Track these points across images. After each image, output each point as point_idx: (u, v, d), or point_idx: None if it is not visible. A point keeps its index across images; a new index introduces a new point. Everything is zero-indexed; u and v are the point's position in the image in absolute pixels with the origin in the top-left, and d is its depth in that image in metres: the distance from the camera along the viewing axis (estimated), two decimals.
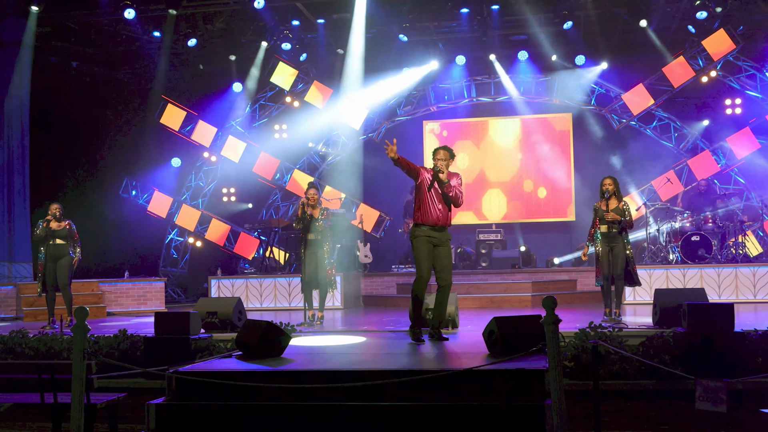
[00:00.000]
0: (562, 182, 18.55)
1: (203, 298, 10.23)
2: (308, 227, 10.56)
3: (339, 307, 14.18)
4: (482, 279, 15.14)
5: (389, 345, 7.99)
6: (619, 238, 9.84)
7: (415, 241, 8.03)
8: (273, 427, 5.67)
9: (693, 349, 7.13)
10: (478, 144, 19.04)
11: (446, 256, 8.03)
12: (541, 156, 18.70)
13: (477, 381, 5.72)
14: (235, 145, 18.58)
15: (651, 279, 13.33)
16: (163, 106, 18.16)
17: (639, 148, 17.68)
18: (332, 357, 7.15)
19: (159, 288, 14.88)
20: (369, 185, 19.00)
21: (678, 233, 14.34)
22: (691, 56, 16.78)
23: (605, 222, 9.89)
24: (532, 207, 18.70)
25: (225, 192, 19.48)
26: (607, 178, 10.11)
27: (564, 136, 18.61)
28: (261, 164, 18.68)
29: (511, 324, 6.65)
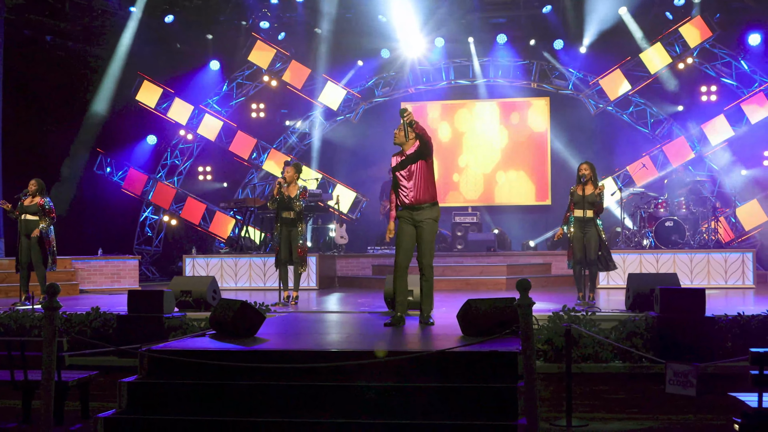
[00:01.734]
0: (539, 166, 18.60)
1: (177, 277, 10.17)
2: (284, 205, 10.53)
3: (314, 288, 14.17)
4: (458, 261, 15.17)
5: (363, 326, 7.98)
6: (592, 222, 9.88)
7: (397, 223, 7.96)
8: (246, 406, 5.65)
9: (664, 333, 7.19)
10: (455, 126, 19.02)
11: (426, 236, 7.82)
12: (519, 139, 18.72)
13: (450, 363, 5.72)
14: (212, 124, 18.45)
15: (625, 264, 13.42)
16: (138, 82, 17.98)
17: (615, 133, 17.77)
18: (306, 337, 7.14)
19: (133, 266, 14.77)
20: (346, 166, 18.96)
21: (652, 218, 14.44)
22: (668, 43, 16.85)
23: (580, 207, 9.93)
24: (508, 190, 18.74)
25: (201, 170, 19.35)
26: (584, 163, 10.13)
27: (541, 120, 18.64)
28: (238, 143, 18.57)
29: (484, 306, 6.65)
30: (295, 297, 10.77)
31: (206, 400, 5.73)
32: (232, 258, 14.71)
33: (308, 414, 5.48)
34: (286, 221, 10.61)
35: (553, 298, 11.22)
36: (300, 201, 10.60)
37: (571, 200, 10.12)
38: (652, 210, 14.56)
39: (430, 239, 7.85)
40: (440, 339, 6.69)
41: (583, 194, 9.88)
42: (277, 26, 18.37)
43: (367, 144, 18.60)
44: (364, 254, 16.06)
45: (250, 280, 14.53)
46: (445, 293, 12.59)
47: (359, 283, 14.82)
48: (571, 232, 10.05)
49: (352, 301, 11.64)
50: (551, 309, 8.20)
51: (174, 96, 18.23)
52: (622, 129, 17.80)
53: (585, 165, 10.07)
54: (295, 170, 10.76)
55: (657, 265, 13.42)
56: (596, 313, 8.23)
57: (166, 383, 5.89)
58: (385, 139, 18.42)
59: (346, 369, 5.66)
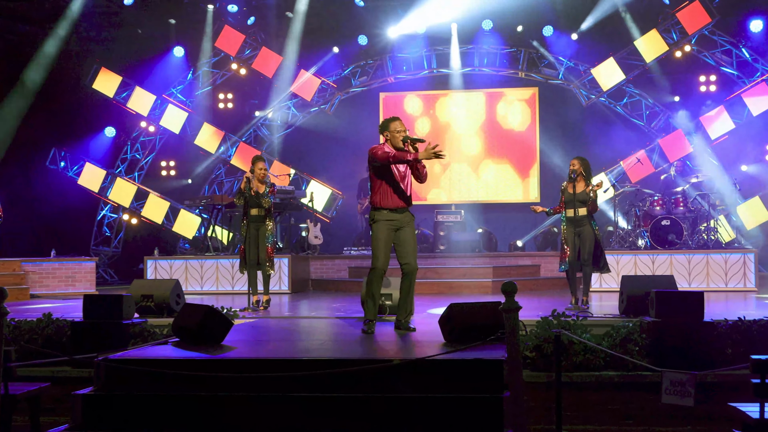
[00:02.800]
0: (526, 161, 18.66)
1: (138, 280, 10.12)
2: (252, 202, 10.52)
3: (286, 292, 14.12)
4: (440, 263, 15.18)
5: (339, 332, 7.96)
6: (585, 220, 9.91)
7: (374, 226, 7.84)
8: (211, 419, 5.62)
9: (660, 339, 7.22)
10: (438, 119, 19.04)
11: (410, 238, 7.88)
12: (505, 133, 18.77)
13: (431, 371, 5.72)
14: (176, 115, 18.34)
15: (618, 265, 13.48)
16: (95, 70, 17.83)
17: (608, 125, 17.84)
18: (277, 345, 7.11)
19: (89, 268, 14.66)
20: (320, 161, 18.92)
21: (647, 217, 14.52)
22: (665, 29, 16.94)
23: (571, 205, 9.96)
24: (494, 186, 18.78)
25: (164, 165, 19.22)
26: (575, 158, 10.16)
27: (530, 112, 18.70)
28: (204, 136, 18.48)
29: (468, 311, 6.66)
30: (265, 301, 10.75)
31: (169, 413, 5.69)
32: (197, 260, 14.63)
33: (278, 427, 5.45)
34: (254, 219, 10.58)
35: (542, 302, 11.24)
36: (269, 197, 10.59)
37: (561, 198, 10.15)
38: (648, 208, 14.64)
39: (415, 240, 7.96)
40: (420, 346, 6.68)
41: (573, 192, 9.90)
42: (246, 10, 18.29)
43: (343, 137, 18.57)
44: (339, 255, 16.03)
45: (217, 284, 14.46)
46: (427, 297, 12.59)
47: (335, 286, 14.78)
48: (564, 231, 10.08)
49: (326, 305, 11.61)
50: (540, 314, 8.22)
51: (134, 85, 18.10)
52: (616, 121, 17.89)
53: (576, 160, 10.09)
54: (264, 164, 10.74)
55: (653, 267, 13.49)
56: (588, 318, 8.26)
57: (125, 395, 5.84)
58: (363, 132, 18.60)
59: (320, 378, 5.64)
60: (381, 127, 7.94)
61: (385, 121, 7.98)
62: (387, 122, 7.94)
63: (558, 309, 8.11)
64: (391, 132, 7.86)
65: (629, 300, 8.79)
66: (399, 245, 7.86)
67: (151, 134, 18.75)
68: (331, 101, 18.80)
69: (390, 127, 7.87)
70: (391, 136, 7.86)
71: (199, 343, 6.77)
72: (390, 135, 7.87)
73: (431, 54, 18.55)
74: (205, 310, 6.92)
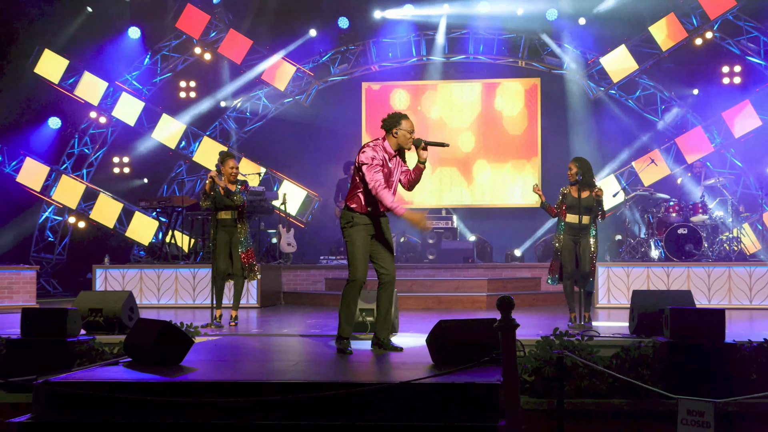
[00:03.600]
0: (526, 161, 18.69)
1: (85, 292, 10.03)
2: (220, 203, 10.49)
3: (254, 306, 14.08)
4: (428, 275, 15.18)
5: (314, 352, 7.93)
6: (588, 230, 9.95)
7: (352, 230, 7.78)
8: None
9: (676, 362, 7.23)
10: (427, 112, 19.05)
11: (388, 243, 7.89)
12: (503, 129, 18.80)
13: (417, 396, 5.70)
14: (131, 105, 18.28)
15: (629, 279, 13.52)
16: (38, 52, 17.73)
17: (619, 122, 17.88)
18: (243, 366, 7.07)
19: (29, 278, 14.54)
20: (295, 158, 18.90)
21: (662, 224, 14.56)
22: (684, 14, 17.00)
23: (574, 211, 9.98)
24: (490, 189, 18.81)
25: (117, 162, 19.13)
26: (573, 161, 10.18)
27: (530, 105, 18.74)
28: (162, 129, 18.43)
29: (459, 329, 6.64)
30: (233, 317, 10.72)
31: None
32: (154, 269, 14.57)
33: None
34: (225, 223, 10.56)
35: (543, 319, 11.24)
36: (241, 193, 10.55)
37: (562, 203, 10.16)
38: (663, 214, 14.67)
39: (393, 247, 7.98)
40: (405, 368, 6.66)
41: (578, 197, 9.92)
42: None
43: (321, 132, 18.56)
44: (315, 265, 16.01)
45: (176, 296, 14.41)
46: (413, 313, 12.58)
47: (310, 300, 14.76)
48: (560, 239, 10.11)
49: (300, 321, 11.57)
50: (540, 332, 8.22)
51: (83, 69, 18.03)
52: (627, 117, 17.93)
53: (572, 164, 10.12)
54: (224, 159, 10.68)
55: (668, 281, 13.54)
56: (594, 338, 8.27)
57: (70, 423, 5.79)
58: (343, 126, 18.55)
59: (292, 404, 5.61)
60: (389, 122, 7.77)
61: (395, 116, 7.81)
62: (398, 118, 7.79)
63: (560, 327, 8.12)
64: (403, 131, 7.76)
65: (641, 318, 8.81)
66: (375, 250, 7.85)
67: (102, 126, 18.66)
68: (307, 91, 18.79)
69: (402, 125, 7.74)
70: (401, 136, 7.79)
71: (155, 364, 6.72)
72: (400, 134, 7.79)
73: (420, 39, 18.59)
74: (162, 327, 6.87)
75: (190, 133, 18.63)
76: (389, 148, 7.78)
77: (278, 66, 18.32)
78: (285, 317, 12.47)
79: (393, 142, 7.80)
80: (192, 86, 19.16)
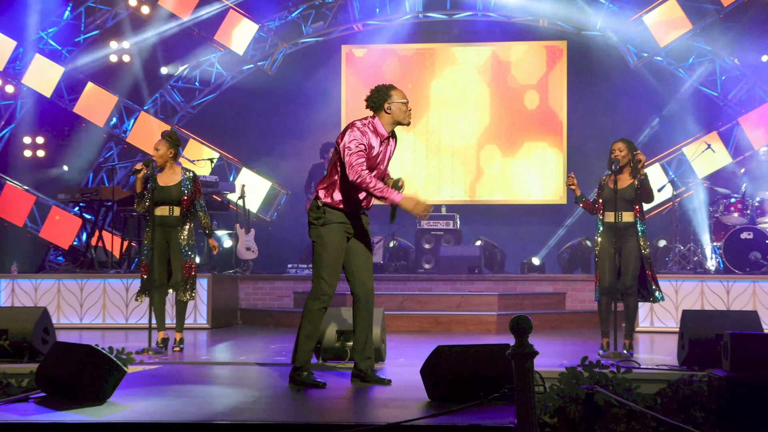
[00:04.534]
0: (548, 145, 18.70)
1: None
2: (160, 198, 10.45)
3: (203, 326, 14.05)
4: (424, 288, 15.17)
5: (278, 386, 7.92)
6: (631, 230, 9.92)
7: (323, 230, 7.77)
8: None
9: (737, 402, 7.23)
10: (423, 84, 19.05)
11: (367, 248, 7.91)
12: (519, 105, 18.81)
13: None
14: (46, 70, 18.19)
15: (677, 295, 13.53)
16: None
17: (667, 96, 17.88)
18: (189, 402, 7.04)
19: None
20: (257, 140, 18.89)
21: (721, 227, 14.55)
22: None
23: (611, 207, 9.95)
24: (501, 180, 18.81)
25: (28, 143, 19.00)
26: (619, 141, 10.17)
27: (555, 76, 18.75)
28: (88, 102, 18.36)
29: (462, 357, 6.63)
30: (178, 340, 10.68)
31: None
32: (75, 279, 14.52)
33: None
34: (163, 222, 10.52)
35: (568, 345, 11.26)
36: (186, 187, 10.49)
37: (598, 195, 10.14)
38: (721, 215, 14.66)
39: (371, 253, 8.02)
40: (393, 406, 6.65)
41: (615, 187, 9.88)
42: None
43: (289, 108, 18.53)
44: (281, 276, 15.98)
45: (103, 314, 14.36)
46: (404, 336, 12.57)
47: (273, 319, 14.75)
48: (598, 243, 10.09)
49: (261, 346, 11.58)
50: (564, 362, 8.21)
51: None
52: (677, 91, 17.95)
53: (621, 143, 10.10)
54: (170, 144, 10.60)
55: (727, 299, 13.54)
56: (633, 370, 8.27)
57: None
58: (318, 101, 18.53)
59: None
60: (377, 98, 7.73)
61: (381, 89, 7.79)
62: (386, 90, 7.79)
63: (590, 356, 8.12)
64: (397, 103, 7.73)
65: (693, 345, 8.79)
66: (350, 257, 7.85)
67: (8, 97, 18.55)
68: (272, 56, 18.77)
69: (393, 96, 7.73)
70: (396, 110, 7.76)
71: (76, 400, 6.69)
72: (394, 108, 7.77)
73: None
74: (85, 353, 6.84)
75: (124, 108, 18.58)
76: (381, 128, 7.75)
77: (236, 23, 18.26)
78: (242, 341, 12.46)
79: (387, 120, 7.78)
80: (126, 48, 19.02)
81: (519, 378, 5.20)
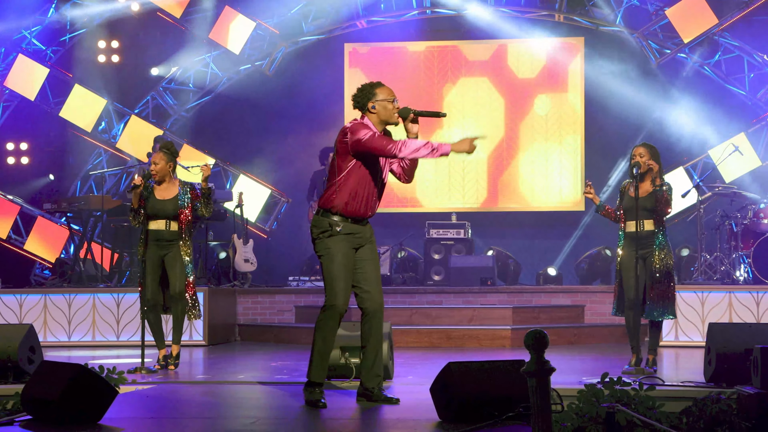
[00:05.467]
0: (565, 148, 18.70)
1: None
2: (155, 211, 10.51)
3: (199, 343, 14.05)
4: (434, 301, 15.17)
5: (280, 406, 7.94)
6: (653, 238, 9.92)
7: (329, 242, 7.79)
8: None
9: None
10: (434, 85, 19.04)
11: (374, 259, 7.95)
12: (533, 106, 18.80)
13: None
14: (30, 71, 18.24)
15: (704, 308, 13.52)
16: None
17: (691, 95, 17.87)
18: (186, 425, 7.06)
19: None
20: (255, 145, 18.87)
21: (750, 234, 14.53)
22: None
23: (631, 216, 9.95)
24: (514, 186, 18.81)
25: (11, 149, 19.04)
26: (641, 145, 10.18)
27: (572, 75, 18.74)
28: (75, 105, 18.38)
29: (475, 374, 6.64)
30: (174, 355, 10.71)
31: None
32: (62, 294, 14.53)
33: None
34: (158, 237, 10.57)
35: (588, 361, 11.26)
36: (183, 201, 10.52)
37: (620, 201, 10.14)
38: (751, 221, 14.64)
39: (379, 265, 8.07)
40: (403, 426, 6.67)
41: (636, 195, 9.88)
42: None
43: (289, 111, 18.53)
44: (282, 289, 15.97)
45: (93, 331, 14.37)
46: (413, 352, 12.58)
47: (274, 335, 14.77)
48: (619, 255, 10.09)
49: (262, 364, 11.59)
50: (583, 379, 8.22)
51: None
52: (703, 89, 17.93)
53: (642, 148, 10.11)
54: (168, 158, 10.65)
55: (757, 312, 13.53)
56: (656, 387, 8.28)
57: None
58: (319, 103, 18.54)
59: None
60: (360, 98, 7.83)
61: (365, 88, 7.88)
62: (370, 88, 7.86)
63: (611, 372, 8.12)
64: (381, 102, 7.80)
65: (720, 360, 8.80)
66: (357, 269, 7.87)
67: None
68: (271, 55, 18.77)
69: (378, 95, 7.80)
70: (381, 109, 7.80)
71: (64, 424, 6.71)
72: (379, 107, 7.81)
73: None
74: (74, 373, 6.85)
75: (113, 111, 18.60)
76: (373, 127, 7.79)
77: (231, 21, 18.28)
78: (241, 358, 12.48)
79: (374, 120, 7.83)
80: (115, 47, 19.05)
81: (535, 396, 5.22)
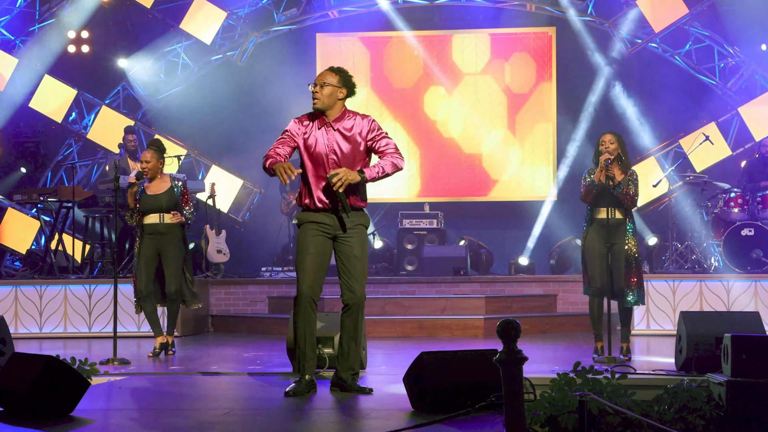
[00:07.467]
0: (537, 137, 18.72)
1: None
2: (150, 205, 10.67)
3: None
4: (407, 291, 15.18)
5: (253, 397, 7.93)
6: (621, 228, 9.94)
7: (299, 231, 7.95)
8: None
9: (738, 409, 7.26)
10: (402, 74, 19.03)
11: (357, 250, 7.89)
12: (504, 95, 18.82)
13: None
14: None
15: (675, 296, 13.56)
16: None
17: (662, 85, 17.91)
18: (158, 416, 7.04)
19: None
20: (227, 136, 18.83)
21: (720, 223, 14.58)
22: None
23: (602, 203, 9.95)
24: (489, 178, 18.82)
25: None
26: (608, 133, 10.19)
27: (542, 65, 18.75)
28: (44, 95, 18.30)
29: (447, 364, 6.65)
30: (170, 344, 11.01)
31: None
32: (34, 285, 14.47)
33: None
34: (154, 231, 10.71)
35: (561, 350, 11.31)
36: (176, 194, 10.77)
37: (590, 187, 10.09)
38: (721, 210, 14.69)
39: (364, 256, 7.96)
40: (376, 416, 6.67)
41: (607, 183, 9.86)
42: None
43: (261, 101, 18.48)
44: (255, 279, 15.95)
45: (65, 322, 14.32)
46: (386, 342, 12.59)
47: (247, 326, 14.77)
48: (584, 239, 10.08)
49: (234, 354, 11.59)
50: (556, 368, 8.24)
51: None
52: (673, 79, 17.95)
53: (610, 135, 10.12)
54: (158, 155, 10.91)
55: (727, 300, 13.58)
56: (628, 375, 8.31)
57: None
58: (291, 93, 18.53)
59: None
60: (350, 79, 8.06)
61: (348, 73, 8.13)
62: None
63: (583, 361, 8.14)
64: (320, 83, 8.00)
65: (691, 349, 8.83)
66: (339, 261, 7.91)
67: None
68: (242, 45, 18.73)
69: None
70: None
71: (36, 415, 6.68)
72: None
73: None
74: (45, 364, 6.82)
75: (83, 102, 18.51)
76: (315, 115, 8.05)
77: (202, 11, 18.22)
78: (214, 349, 12.47)
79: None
80: (85, 38, 18.94)
81: (508, 385, 5.22)
